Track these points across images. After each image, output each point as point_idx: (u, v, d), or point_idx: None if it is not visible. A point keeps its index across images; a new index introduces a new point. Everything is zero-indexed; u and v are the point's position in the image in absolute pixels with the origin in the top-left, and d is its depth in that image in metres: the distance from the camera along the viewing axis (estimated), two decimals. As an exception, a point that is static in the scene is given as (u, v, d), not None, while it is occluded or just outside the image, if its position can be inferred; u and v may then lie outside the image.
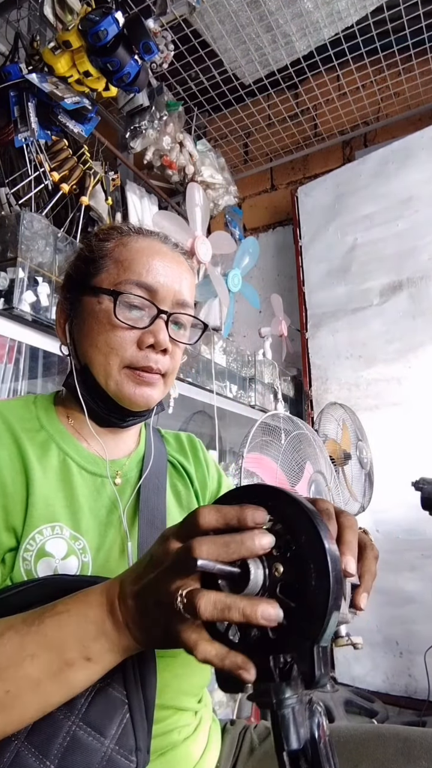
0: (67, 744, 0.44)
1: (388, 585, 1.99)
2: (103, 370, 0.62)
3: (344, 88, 2.56)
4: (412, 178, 2.25)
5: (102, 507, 0.63)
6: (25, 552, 0.54)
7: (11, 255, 1.17)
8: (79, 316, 0.65)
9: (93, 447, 0.66)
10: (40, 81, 1.42)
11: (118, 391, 0.62)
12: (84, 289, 0.64)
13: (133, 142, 2.04)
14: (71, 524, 0.58)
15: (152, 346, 0.62)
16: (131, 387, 0.62)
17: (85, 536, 0.58)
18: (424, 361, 2.11)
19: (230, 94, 2.59)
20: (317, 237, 2.51)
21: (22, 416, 0.63)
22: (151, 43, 1.45)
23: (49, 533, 0.56)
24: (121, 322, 0.61)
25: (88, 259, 0.65)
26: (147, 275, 0.62)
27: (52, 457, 0.61)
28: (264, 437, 1.33)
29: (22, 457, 0.59)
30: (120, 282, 0.62)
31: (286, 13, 2.12)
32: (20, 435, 0.60)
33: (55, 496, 0.58)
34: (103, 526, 0.61)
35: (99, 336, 0.62)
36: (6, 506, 0.55)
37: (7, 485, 0.56)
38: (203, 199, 1.80)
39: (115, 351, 0.61)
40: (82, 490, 0.61)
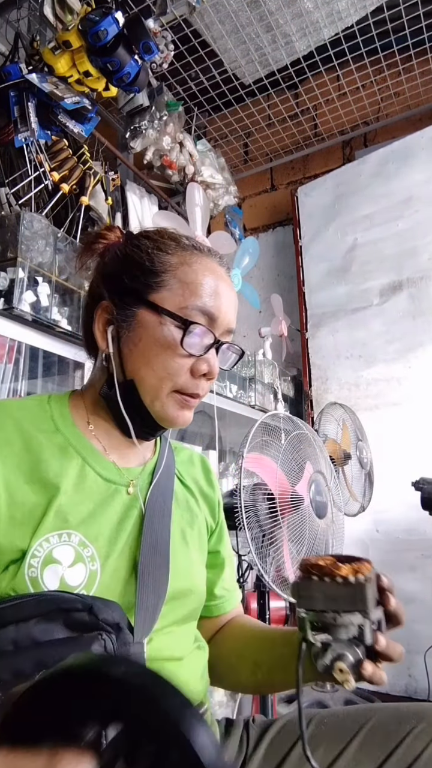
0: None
1: (388, 585, 1.99)
2: (152, 391, 0.62)
3: (344, 88, 2.56)
4: (412, 178, 2.25)
5: (114, 514, 0.62)
6: (32, 558, 0.53)
7: (11, 255, 1.17)
8: (132, 329, 0.63)
9: (110, 455, 0.65)
10: (40, 81, 1.42)
11: (163, 412, 0.62)
12: (141, 301, 0.62)
13: (133, 142, 2.04)
14: (82, 530, 0.57)
15: (205, 374, 0.62)
16: (176, 410, 0.62)
17: (94, 543, 0.57)
18: (424, 361, 2.11)
19: (230, 94, 2.59)
20: (317, 237, 2.51)
21: (37, 416, 0.62)
22: (151, 43, 1.45)
23: (57, 540, 0.55)
24: (185, 352, 0.60)
25: (147, 270, 0.63)
26: (212, 303, 0.62)
27: (69, 461, 0.60)
28: (264, 437, 1.33)
29: (37, 461, 0.58)
30: (186, 307, 0.61)
31: (286, 13, 2.12)
32: (36, 436, 0.59)
33: (70, 502, 0.57)
34: (114, 534, 0.60)
35: (156, 358, 0.61)
36: (13, 516, 0.54)
37: (15, 493, 0.55)
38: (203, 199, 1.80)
39: (171, 376, 0.61)
40: (96, 497, 0.61)
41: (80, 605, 0.51)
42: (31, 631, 0.49)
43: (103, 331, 0.65)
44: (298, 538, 1.27)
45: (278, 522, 1.24)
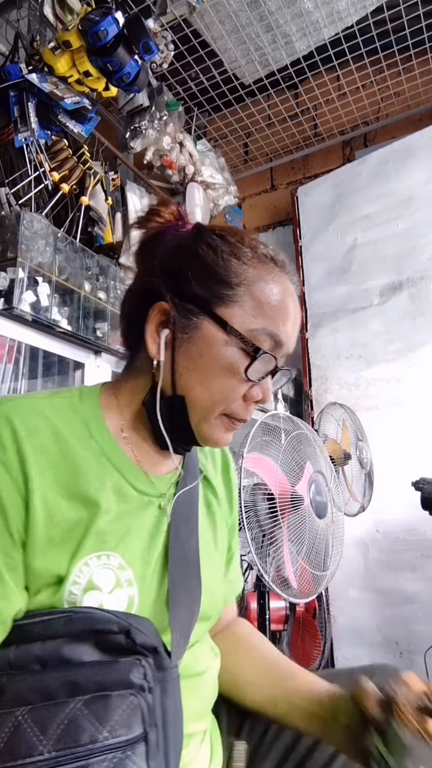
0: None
1: (388, 585, 1.99)
2: (202, 412, 0.56)
3: (344, 88, 2.56)
4: (412, 178, 2.25)
5: (146, 531, 0.58)
6: (73, 585, 0.49)
7: (11, 255, 1.17)
8: (191, 341, 0.56)
9: (142, 464, 0.60)
10: (40, 81, 1.42)
11: (208, 434, 0.58)
12: (208, 312, 0.55)
13: (133, 142, 2.03)
14: (120, 551, 0.53)
15: (258, 400, 0.58)
16: (221, 433, 0.58)
17: (131, 565, 0.54)
18: (424, 361, 2.11)
19: (230, 94, 2.59)
20: (317, 237, 2.51)
21: (70, 419, 0.56)
22: (151, 43, 1.45)
23: (96, 563, 0.51)
24: (247, 379, 0.55)
25: (219, 278, 0.56)
26: (281, 328, 0.57)
27: (105, 473, 0.55)
28: (264, 437, 1.33)
29: (75, 473, 0.53)
30: (255, 329, 0.55)
31: (286, 13, 2.12)
32: (71, 443, 0.54)
33: (109, 519, 0.53)
34: (147, 553, 0.56)
35: (215, 380, 0.55)
36: (51, 537, 0.50)
37: (54, 511, 0.50)
38: (203, 199, 1.80)
39: (226, 400, 0.56)
40: (131, 513, 0.56)
41: (116, 627, 0.48)
42: (59, 649, 0.47)
43: (156, 334, 0.57)
44: (298, 538, 1.28)
45: (278, 522, 1.24)
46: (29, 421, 0.52)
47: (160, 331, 0.57)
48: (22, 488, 0.49)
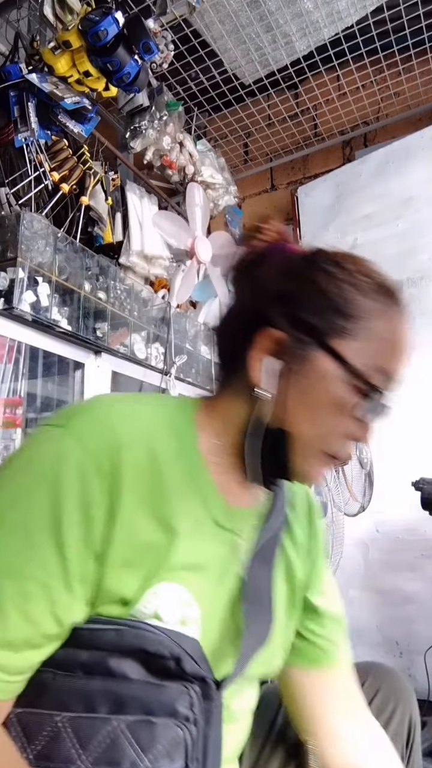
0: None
1: (388, 585, 1.99)
2: (305, 449, 0.52)
3: (344, 88, 2.56)
4: (412, 178, 2.25)
5: (218, 566, 0.54)
6: (139, 614, 0.48)
7: (11, 255, 1.17)
8: (303, 373, 0.52)
9: (227, 494, 0.56)
10: (40, 81, 1.42)
11: (305, 471, 0.54)
12: (323, 345, 0.51)
13: (133, 142, 2.03)
14: (190, 585, 0.50)
15: (360, 440, 0.55)
16: (317, 471, 0.54)
17: (199, 602, 0.51)
18: (424, 361, 2.11)
19: (230, 94, 2.59)
20: (317, 237, 2.51)
21: (166, 435, 0.53)
22: (151, 43, 1.45)
23: (166, 594, 0.49)
24: (352, 415, 0.52)
25: (338, 310, 0.52)
26: (397, 368, 0.54)
27: (188, 498, 0.52)
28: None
29: (161, 493, 0.50)
30: (371, 366, 0.51)
31: (286, 13, 2.12)
32: (163, 459, 0.51)
33: (184, 549, 0.50)
34: (215, 590, 0.53)
35: (325, 417, 0.52)
36: (128, 559, 0.47)
37: (136, 532, 0.48)
38: (203, 199, 1.80)
39: (329, 437, 0.52)
40: (206, 544, 0.53)
41: (167, 653, 0.46)
42: (105, 660, 0.46)
43: (260, 361, 0.53)
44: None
45: (278, 522, 1.23)
46: (131, 432, 0.50)
47: (265, 358, 0.53)
48: (110, 501, 0.47)
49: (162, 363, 1.59)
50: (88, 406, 0.52)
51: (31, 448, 0.50)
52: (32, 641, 0.44)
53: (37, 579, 0.44)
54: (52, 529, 0.45)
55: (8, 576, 0.43)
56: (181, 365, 1.64)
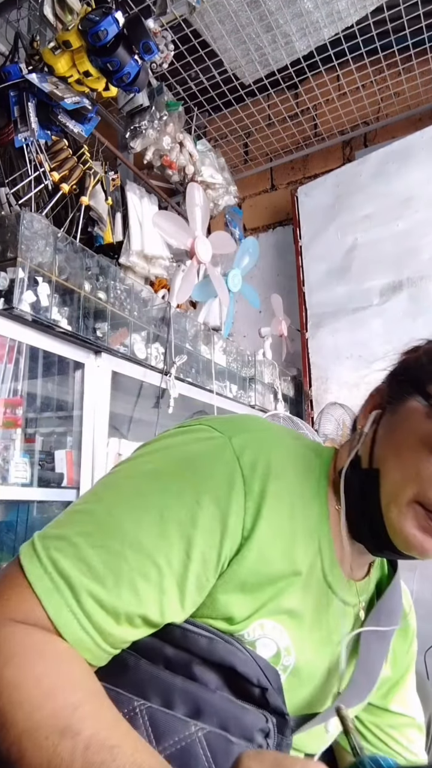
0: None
1: (388, 585, 1.99)
2: (393, 489, 0.50)
3: (344, 88, 2.56)
4: (412, 178, 2.25)
5: (322, 629, 0.54)
6: (241, 636, 0.48)
7: (11, 255, 1.17)
8: (395, 413, 0.53)
9: (340, 559, 0.55)
10: (40, 81, 1.42)
11: (397, 522, 0.49)
12: (416, 390, 0.52)
13: (133, 142, 2.03)
14: (291, 632, 0.50)
15: None
16: (413, 528, 0.48)
17: (297, 655, 0.51)
18: (424, 361, 2.11)
19: (230, 94, 2.59)
20: (317, 237, 2.51)
21: (305, 479, 0.53)
22: (151, 43, 1.45)
23: (270, 630, 0.49)
24: None
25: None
26: None
27: (310, 545, 0.51)
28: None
29: (293, 531, 0.50)
30: None
31: (286, 13, 2.12)
32: (300, 501, 0.51)
33: (299, 594, 0.50)
34: (315, 650, 0.53)
35: (408, 452, 0.49)
36: (246, 582, 0.47)
37: (263, 561, 0.47)
38: (203, 199, 1.80)
39: (417, 480, 0.48)
40: (314, 602, 0.53)
41: (255, 680, 0.46)
42: (190, 664, 0.46)
43: (368, 411, 0.56)
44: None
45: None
46: (284, 461, 0.51)
47: (372, 410, 0.56)
48: (249, 522, 0.47)
49: (162, 363, 1.59)
50: (251, 425, 0.53)
51: (188, 440, 0.51)
52: (134, 620, 0.44)
53: (159, 567, 0.44)
54: (189, 526, 0.45)
55: (135, 550, 0.43)
56: (181, 365, 1.64)
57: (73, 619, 0.41)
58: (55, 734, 0.34)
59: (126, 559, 0.43)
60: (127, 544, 0.43)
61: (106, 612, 0.42)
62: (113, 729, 0.37)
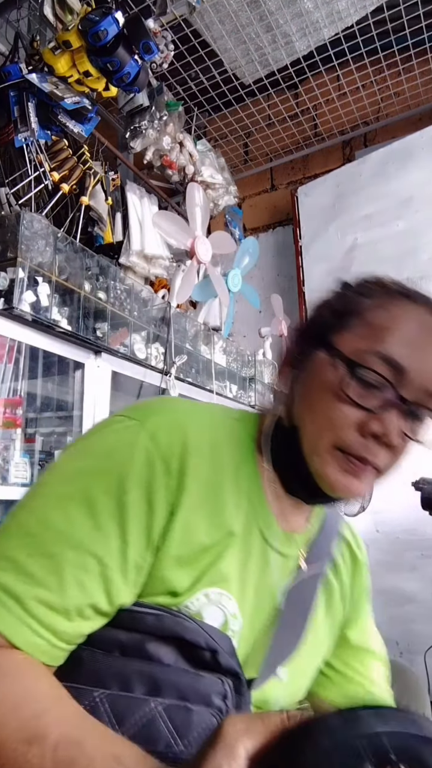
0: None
1: (388, 585, 1.99)
2: (312, 442, 0.52)
3: (344, 88, 2.56)
4: (412, 178, 2.25)
5: (265, 584, 0.55)
6: (183, 607, 0.49)
7: (11, 255, 1.17)
8: (305, 371, 0.54)
9: (275, 511, 0.57)
10: (40, 81, 1.42)
11: (321, 471, 0.51)
12: (320, 343, 0.53)
13: (133, 142, 2.03)
14: (238, 599, 0.51)
15: (377, 436, 0.50)
16: (337, 473, 0.51)
17: (243, 616, 0.52)
18: (424, 361, 2.11)
19: (230, 94, 2.59)
20: (317, 237, 2.51)
21: (229, 448, 0.55)
22: (151, 43, 1.45)
23: (216, 598, 0.50)
24: (347, 398, 0.49)
25: (337, 311, 0.55)
26: (398, 351, 0.49)
27: (240, 510, 0.53)
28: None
29: (220, 500, 0.51)
30: (363, 350, 0.50)
31: (286, 13, 2.12)
32: (225, 468, 0.53)
33: (235, 559, 0.52)
34: (259, 608, 0.55)
35: (319, 404, 0.51)
36: (180, 556, 0.49)
37: (192, 532, 0.49)
38: (203, 199, 1.80)
39: (332, 427, 0.50)
40: (255, 560, 0.54)
41: (204, 644, 0.48)
42: (143, 643, 0.47)
43: (286, 375, 0.58)
44: (298, 538, 1.27)
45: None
46: (199, 435, 0.52)
47: (288, 369, 0.58)
48: (173, 498, 0.48)
49: (162, 363, 1.59)
50: (164, 407, 0.54)
51: (104, 434, 0.52)
52: (84, 612, 0.45)
53: (97, 557, 0.45)
54: (118, 513, 0.46)
55: (72, 547, 0.45)
56: (181, 365, 1.64)
57: (24, 627, 0.43)
58: (23, 744, 0.36)
59: (65, 559, 0.44)
60: (64, 545, 0.45)
61: (56, 612, 0.44)
62: (79, 726, 0.38)
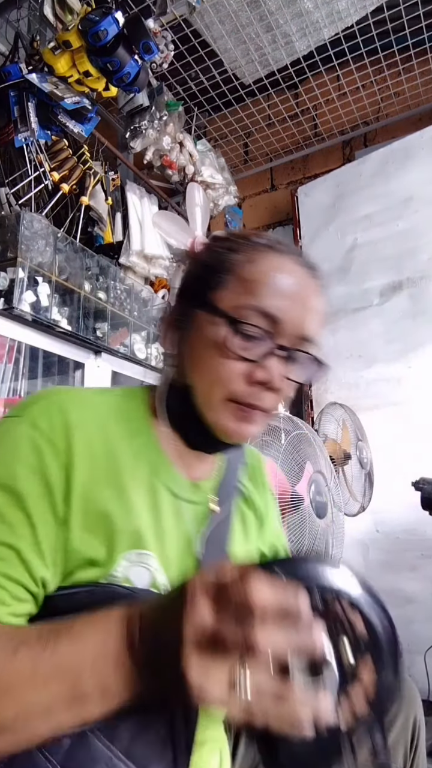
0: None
1: (388, 585, 1.99)
2: (204, 398, 0.56)
3: (344, 88, 2.56)
4: (412, 178, 2.25)
5: (182, 535, 0.58)
6: (111, 577, 0.51)
7: (11, 255, 1.17)
8: (189, 331, 0.58)
9: (180, 468, 0.61)
10: (40, 81, 1.42)
11: (217, 423, 0.56)
12: (200, 303, 0.57)
13: (133, 142, 2.03)
14: (159, 554, 0.54)
15: (262, 383, 0.54)
16: (231, 422, 0.56)
17: (167, 571, 0.54)
18: (424, 361, 2.11)
19: (230, 94, 2.59)
20: (317, 237, 2.51)
21: (116, 420, 0.57)
22: (151, 43, 1.45)
23: (135, 559, 0.52)
24: (232, 353, 0.54)
25: (209, 268, 0.58)
26: (272, 303, 0.54)
27: (142, 473, 0.56)
28: (264, 437, 1.33)
29: (116, 468, 0.54)
30: (240, 305, 0.54)
31: (286, 13, 2.12)
32: (117, 439, 0.55)
33: (143, 518, 0.54)
34: (180, 558, 0.57)
35: (206, 361, 0.56)
36: (86, 525, 0.51)
37: (92, 500, 0.51)
38: (203, 199, 1.80)
39: (221, 382, 0.55)
40: (167, 514, 0.57)
41: (136, 599, 0.49)
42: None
43: (169, 336, 0.61)
44: (298, 538, 1.28)
45: (278, 522, 1.23)
46: (81, 413, 0.54)
47: (171, 330, 0.61)
48: (66, 474, 0.51)
49: (162, 363, 1.59)
50: (41, 395, 0.56)
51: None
52: (19, 595, 0.47)
53: (10, 545, 0.47)
54: (17, 502, 0.48)
55: None
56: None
57: None
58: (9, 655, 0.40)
59: None
60: None
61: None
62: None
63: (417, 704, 0.73)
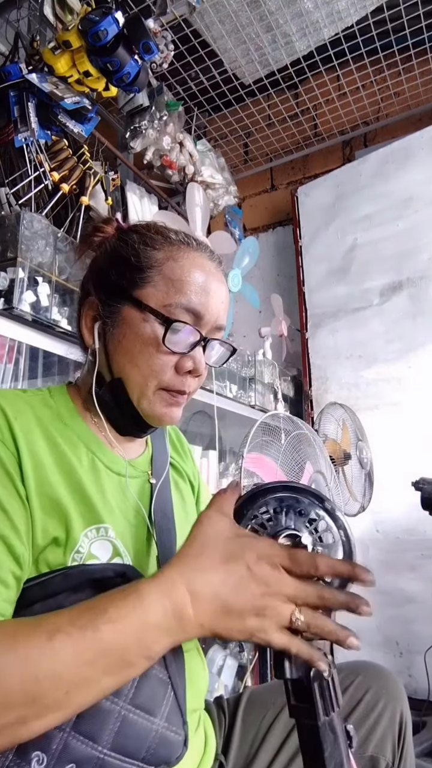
0: (118, 728, 0.47)
1: (388, 585, 1.99)
2: (138, 389, 0.62)
3: (344, 88, 2.56)
4: (412, 178, 2.25)
5: (129, 508, 0.63)
6: (76, 554, 0.53)
7: (11, 255, 1.17)
8: (116, 326, 0.62)
9: (115, 448, 0.66)
10: (40, 81, 1.41)
11: (150, 410, 0.62)
12: (126, 299, 0.62)
13: (133, 142, 2.03)
14: (113, 525, 0.58)
15: (190, 371, 0.62)
16: (163, 408, 0.62)
17: (122, 539, 0.58)
18: (424, 361, 2.11)
19: (230, 94, 2.59)
20: (317, 237, 2.51)
21: (46, 413, 0.61)
22: (151, 43, 1.45)
23: (94, 535, 0.56)
24: (168, 349, 0.60)
25: (133, 266, 0.62)
26: (197, 300, 0.61)
27: (82, 457, 0.60)
28: (264, 437, 1.33)
29: (58, 452, 0.57)
30: (169, 304, 0.60)
31: (286, 13, 2.12)
32: (52, 431, 0.59)
33: (93, 496, 0.58)
34: (132, 528, 0.62)
35: (140, 355, 0.61)
36: (43, 505, 0.53)
37: (44, 481, 0.54)
38: (203, 199, 1.80)
39: (156, 374, 0.61)
40: (111, 492, 0.61)
41: (112, 572, 0.53)
42: (61, 603, 0.50)
43: (90, 327, 0.65)
44: (298, 538, 1.27)
45: (278, 522, 1.23)
46: (15, 406, 0.57)
47: (93, 324, 0.65)
48: (17, 461, 0.53)
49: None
50: None
51: None
52: (6, 581, 0.49)
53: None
54: None
55: None
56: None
57: None
58: (44, 641, 0.42)
59: None
60: None
61: None
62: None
63: (403, 700, 0.78)
